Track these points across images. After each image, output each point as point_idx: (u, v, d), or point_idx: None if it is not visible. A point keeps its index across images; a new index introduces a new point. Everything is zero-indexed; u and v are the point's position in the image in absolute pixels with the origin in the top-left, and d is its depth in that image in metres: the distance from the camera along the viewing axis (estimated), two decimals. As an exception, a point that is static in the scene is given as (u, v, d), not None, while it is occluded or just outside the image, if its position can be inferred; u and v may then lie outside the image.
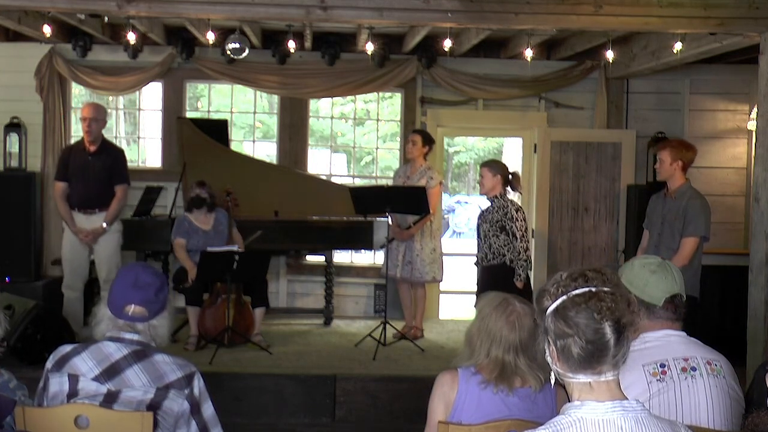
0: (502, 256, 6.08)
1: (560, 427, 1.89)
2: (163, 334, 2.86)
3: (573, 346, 1.89)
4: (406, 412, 5.64)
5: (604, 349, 1.89)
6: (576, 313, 1.89)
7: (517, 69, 8.26)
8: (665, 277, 2.72)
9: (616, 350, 1.89)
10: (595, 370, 1.90)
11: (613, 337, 1.88)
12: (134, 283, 2.79)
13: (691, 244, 5.33)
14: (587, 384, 1.91)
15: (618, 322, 1.89)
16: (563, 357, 1.92)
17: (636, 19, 5.59)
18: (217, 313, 6.71)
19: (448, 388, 2.82)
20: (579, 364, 1.90)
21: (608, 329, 1.88)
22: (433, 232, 7.31)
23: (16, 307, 5.93)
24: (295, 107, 8.60)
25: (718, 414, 2.59)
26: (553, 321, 1.93)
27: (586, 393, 1.92)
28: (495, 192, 6.18)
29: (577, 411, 1.90)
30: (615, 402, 1.90)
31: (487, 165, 6.38)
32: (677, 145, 5.57)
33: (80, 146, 6.63)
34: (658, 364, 2.61)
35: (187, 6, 5.50)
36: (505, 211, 6.09)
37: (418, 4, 5.40)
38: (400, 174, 7.48)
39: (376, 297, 8.48)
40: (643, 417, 1.90)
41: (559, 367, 1.94)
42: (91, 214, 6.52)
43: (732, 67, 8.14)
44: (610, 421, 1.87)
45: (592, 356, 1.89)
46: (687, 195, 5.42)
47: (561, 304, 1.92)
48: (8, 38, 8.20)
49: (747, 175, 8.30)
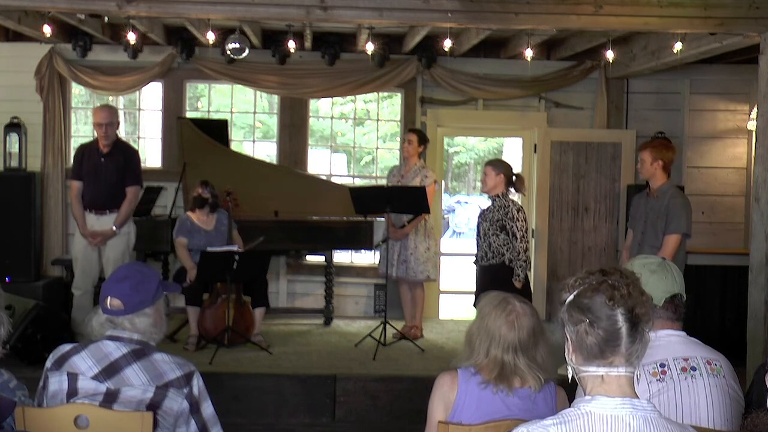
0: (501, 256, 6.07)
1: (568, 419, 1.90)
2: (144, 329, 2.79)
3: (587, 334, 1.93)
4: (406, 412, 5.65)
5: (617, 337, 1.92)
6: (590, 300, 1.95)
7: (517, 69, 8.27)
8: (665, 277, 2.72)
9: (629, 341, 1.92)
10: (608, 360, 1.93)
11: (625, 325, 1.92)
12: (115, 277, 2.83)
13: (674, 242, 5.44)
14: (599, 377, 1.94)
15: (631, 311, 1.93)
16: (578, 346, 1.96)
17: (636, 19, 5.59)
18: (217, 313, 6.71)
19: (447, 389, 2.82)
20: (592, 353, 1.93)
21: (620, 317, 1.92)
22: (428, 231, 7.30)
23: (16, 307, 5.93)
24: (295, 107, 8.60)
25: (718, 414, 2.60)
26: (569, 310, 1.98)
27: (597, 387, 1.94)
28: (497, 191, 6.17)
29: (587, 405, 1.91)
30: (625, 399, 1.91)
31: (491, 163, 6.38)
32: (657, 145, 5.74)
33: (94, 146, 6.55)
34: (658, 364, 2.61)
35: (187, 6, 5.50)
36: (506, 210, 6.08)
37: (418, 4, 5.40)
38: (394, 173, 7.48)
39: (376, 297, 8.49)
40: (653, 417, 1.91)
41: (575, 360, 1.98)
42: (102, 214, 6.46)
43: (732, 67, 8.14)
44: (618, 417, 1.88)
45: (606, 344, 1.92)
46: (668, 194, 5.55)
47: (578, 294, 1.97)
48: (8, 38, 8.21)
49: (747, 175, 8.30)
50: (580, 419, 1.89)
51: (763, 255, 5.50)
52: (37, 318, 6.03)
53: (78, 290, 6.63)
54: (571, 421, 1.89)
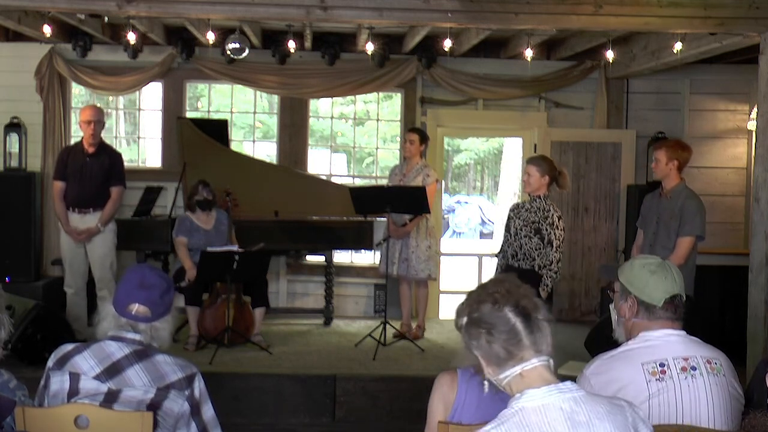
0: (532, 260, 5.69)
1: (504, 419, 1.97)
2: (164, 336, 2.86)
3: (489, 343, 2.04)
4: (406, 412, 5.65)
5: (515, 333, 2.02)
6: (479, 312, 2.07)
7: (517, 69, 8.27)
8: (665, 277, 2.72)
9: (528, 332, 2.02)
10: (517, 358, 2.02)
11: (518, 320, 2.03)
12: (140, 284, 2.81)
13: (688, 244, 5.33)
14: (518, 376, 2.02)
15: (517, 306, 2.04)
16: (488, 358, 2.06)
17: (636, 19, 5.59)
18: (217, 313, 6.71)
19: (447, 389, 2.81)
20: (502, 358, 2.03)
21: (510, 314, 2.03)
22: (429, 230, 7.30)
23: (16, 307, 5.92)
24: (295, 107, 8.60)
25: (719, 412, 2.60)
26: (467, 331, 2.10)
27: (520, 384, 2.02)
28: (540, 192, 5.75)
29: (518, 402, 1.99)
30: (550, 386, 1.99)
31: (534, 162, 5.86)
32: (674, 145, 5.56)
33: (79, 147, 6.69)
34: (657, 364, 2.61)
35: (187, 6, 5.50)
36: (545, 214, 5.68)
37: (418, 4, 5.40)
38: (396, 172, 7.47)
39: (376, 297, 8.49)
40: (580, 396, 1.98)
41: (493, 372, 2.07)
42: (85, 213, 6.56)
43: (732, 67, 8.14)
44: (549, 405, 1.95)
45: (509, 344, 2.02)
46: (683, 195, 5.42)
47: (468, 312, 2.11)
48: (8, 38, 8.21)
49: (747, 175, 8.30)
50: (515, 416, 1.95)
51: (763, 255, 5.50)
52: (37, 318, 6.03)
53: (70, 288, 6.72)
54: (507, 420, 1.96)
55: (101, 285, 6.56)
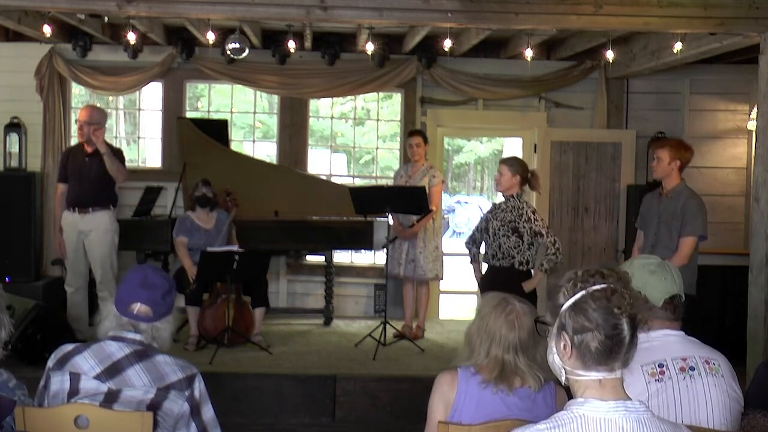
0: (512, 258, 5.77)
1: (561, 422, 1.90)
2: (165, 337, 2.86)
3: (591, 341, 1.92)
4: (406, 412, 5.64)
5: (620, 344, 1.92)
6: (596, 308, 1.92)
7: (517, 69, 8.26)
8: (665, 277, 2.72)
9: (629, 347, 1.94)
10: (609, 366, 1.93)
11: (629, 333, 1.93)
12: (143, 283, 2.81)
13: (690, 244, 5.30)
14: (597, 381, 1.93)
15: (634, 319, 1.93)
16: (579, 353, 1.94)
17: (636, 19, 5.58)
18: (217, 313, 6.71)
19: (447, 388, 2.82)
20: (595, 360, 1.93)
21: (626, 325, 1.92)
22: (436, 230, 7.33)
23: (16, 307, 5.93)
24: (295, 107, 8.60)
25: (718, 413, 2.59)
26: (571, 316, 1.95)
27: (591, 390, 1.93)
28: (512, 191, 5.84)
29: (580, 408, 1.91)
30: (618, 402, 1.91)
31: (507, 162, 5.97)
32: (677, 145, 5.53)
33: (79, 148, 6.70)
34: (656, 364, 2.61)
35: (187, 6, 5.50)
36: (519, 212, 5.76)
37: (418, 4, 5.40)
38: (401, 174, 7.48)
39: (376, 297, 8.49)
40: (646, 418, 1.91)
41: (571, 364, 1.96)
42: (85, 213, 6.54)
43: (732, 67, 8.14)
44: (611, 420, 1.88)
45: (610, 351, 1.92)
46: (684, 194, 5.39)
47: (580, 299, 1.95)
48: (8, 38, 8.21)
49: (747, 175, 8.30)
50: (573, 422, 1.89)
51: (763, 255, 5.50)
52: (37, 318, 6.03)
53: (70, 287, 6.72)
54: (564, 424, 1.89)
55: (102, 286, 6.55)
